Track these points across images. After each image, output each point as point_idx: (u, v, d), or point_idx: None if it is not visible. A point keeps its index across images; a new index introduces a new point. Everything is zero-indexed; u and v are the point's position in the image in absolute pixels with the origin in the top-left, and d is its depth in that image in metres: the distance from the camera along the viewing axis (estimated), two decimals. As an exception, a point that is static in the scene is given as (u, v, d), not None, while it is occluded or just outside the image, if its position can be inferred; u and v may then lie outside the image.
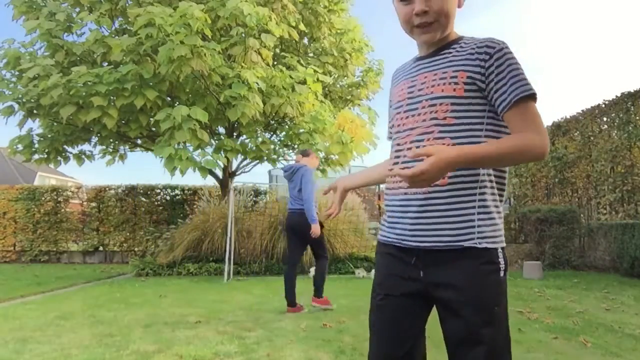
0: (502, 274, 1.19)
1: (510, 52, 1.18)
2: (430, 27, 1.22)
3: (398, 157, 1.27)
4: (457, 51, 1.23)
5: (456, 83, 1.19)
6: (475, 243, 1.17)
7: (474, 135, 1.19)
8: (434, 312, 1.30)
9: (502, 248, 1.22)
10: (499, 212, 1.22)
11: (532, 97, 1.15)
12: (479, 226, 1.18)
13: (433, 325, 1.37)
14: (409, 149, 1.22)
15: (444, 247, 1.18)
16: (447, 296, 1.19)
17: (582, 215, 8.93)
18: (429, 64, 1.27)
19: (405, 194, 1.24)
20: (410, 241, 1.23)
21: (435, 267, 1.21)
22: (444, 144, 1.17)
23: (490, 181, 1.21)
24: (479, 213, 1.18)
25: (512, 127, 1.16)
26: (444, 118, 1.19)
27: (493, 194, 1.21)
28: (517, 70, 1.16)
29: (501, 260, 1.19)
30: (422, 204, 1.21)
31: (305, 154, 5.17)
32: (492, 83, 1.17)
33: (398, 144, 1.28)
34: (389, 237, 1.30)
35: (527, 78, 1.16)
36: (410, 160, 1.21)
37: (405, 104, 1.29)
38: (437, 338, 3.76)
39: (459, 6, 1.26)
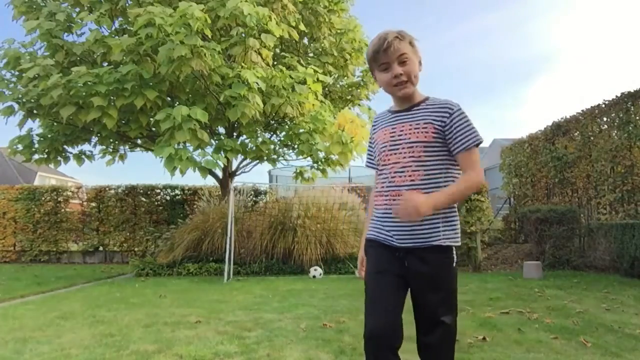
0: (454, 265, 1.71)
1: (463, 111, 1.70)
2: (405, 84, 1.71)
3: (384, 182, 1.75)
4: (425, 108, 1.72)
5: (426, 132, 1.68)
6: (441, 242, 1.66)
7: (439, 168, 1.68)
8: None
9: (457, 246, 1.72)
10: (457, 221, 1.73)
11: (478, 144, 1.68)
12: (443, 230, 1.67)
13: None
14: (393, 177, 1.71)
15: (419, 246, 1.66)
16: (422, 281, 1.69)
17: (582, 215, 8.92)
18: (406, 117, 1.75)
19: (390, 208, 1.70)
20: (395, 242, 1.70)
21: (414, 260, 1.68)
22: (419, 175, 1.67)
23: None
24: (443, 220, 1.67)
25: (461, 164, 1.69)
26: (419, 156, 1.68)
27: (456, 209, 1.73)
28: (469, 124, 1.68)
29: (454, 256, 1.71)
30: None
31: None
32: (452, 132, 1.67)
33: (384, 173, 1.76)
34: (378, 237, 1.77)
35: (476, 130, 1.68)
36: (394, 185, 1.70)
37: (389, 144, 1.75)
38: (437, 338, 3.69)
39: (420, 70, 1.76)
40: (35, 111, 7.79)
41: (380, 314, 1.68)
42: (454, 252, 1.71)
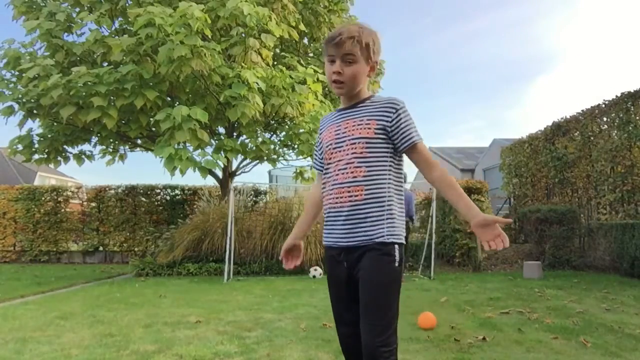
0: (396, 264, 1.63)
1: (407, 109, 1.68)
2: (341, 85, 1.69)
3: (329, 181, 1.72)
4: (369, 105, 1.70)
5: (369, 128, 1.65)
6: (385, 239, 1.61)
7: (382, 165, 1.65)
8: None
9: (400, 245, 1.65)
10: (400, 219, 1.69)
11: (420, 142, 1.68)
12: (387, 227, 1.63)
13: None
14: (337, 175, 1.68)
15: (362, 244, 1.63)
16: (361, 275, 1.63)
17: (582, 215, 8.93)
18: (350, 114, 1.72)
19: (334, 207, 1.68)
20: (341, 241, 1.67)
21: (354, 258, 1.65)
22: (361, 172, 1.63)
23: (398, 196, 1.69)
24: (387, 219, 1.63)
25: (416, 160, 1.68)
26: (361, 153, 1.65)
27: (400, 203, 1.69)
28: (412, 122, 1.68)
29: (396, 254, 1.64)
30: (347, 215, 1.64)
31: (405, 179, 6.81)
32: (399, 129, 1.64)
33: (329, 172, 1.72)
34: (327, 241, 1.75)
35: (416, 128, 1.68)
36: (337, 183, 1.67)
37: (334, 142, 1.72)
38: (437, 338, 3.76)
39: (369, 75, 1.73)
40: (35, 111, 7.79)
41: (342, 325, 1.75)
42: (397, 251, 1.64)
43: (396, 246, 1.63)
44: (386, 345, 1.54)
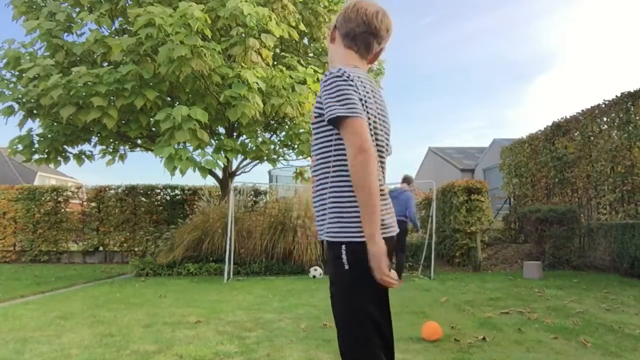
0: (345, 267, 1.37)
1: (332, 80, 1.37)
2: None
3: None
4: None
5: (314, 112, 1.49)
6: (325, 237, 1.43)
7: (326, 152, 1.44)
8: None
9: (347, 243, 1.37)
10: (349, 212, 1.38)
11: (339, 118, 1.34)
12: (329, 223, 1.41)
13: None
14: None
15: (320, 239, 1.48)
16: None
17: (582, 215, 8.92)
18: None
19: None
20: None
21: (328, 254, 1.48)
22: (314, 160, 1.49)
23: (341, 183, 1.41)
24: (330, 212, 1.41)
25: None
26: (313, 140, 1.51)
27: (349, 196, 1.39)
28: (331, 95, 1.36)
29: (343, 256, 1.37)
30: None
31: (409, 181, 7.14)
32: (323, 106, 1.41)
33: None
34: None
35: (335, 102, 1.34)
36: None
37: None
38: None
39: (332, 41, 1.65)
40: (35, 111, 7.80)
41: None
42: (344, 252, 1.37)
43: (343, 246, 1.37)
44: None
